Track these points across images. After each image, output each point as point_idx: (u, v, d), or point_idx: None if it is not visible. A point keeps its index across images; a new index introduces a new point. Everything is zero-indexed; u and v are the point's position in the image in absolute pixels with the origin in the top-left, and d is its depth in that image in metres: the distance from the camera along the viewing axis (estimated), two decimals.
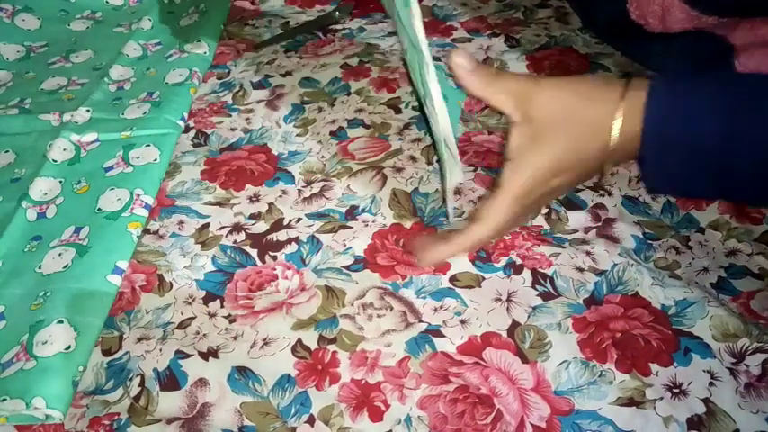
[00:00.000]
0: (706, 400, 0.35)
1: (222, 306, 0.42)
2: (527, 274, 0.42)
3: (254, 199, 0.49)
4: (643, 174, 0.36)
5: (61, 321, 0.39)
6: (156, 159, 0.51)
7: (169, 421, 0.36)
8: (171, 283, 0.44)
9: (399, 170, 0.50)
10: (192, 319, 0.41)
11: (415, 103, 0.56)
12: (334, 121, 0.55)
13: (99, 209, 0.47)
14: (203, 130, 0.56)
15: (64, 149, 0.53)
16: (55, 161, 0.52)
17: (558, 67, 0.59)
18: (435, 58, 0.51)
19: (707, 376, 0.36)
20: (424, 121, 0.52)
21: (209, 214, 0.48)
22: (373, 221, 0.47)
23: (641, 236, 0.44)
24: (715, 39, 0.40)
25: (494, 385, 0.37)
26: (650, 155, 0.34)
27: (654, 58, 0.51)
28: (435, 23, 0.67)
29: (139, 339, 0.40)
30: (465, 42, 0.63)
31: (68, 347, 0.38)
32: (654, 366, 0.37)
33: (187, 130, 0.56)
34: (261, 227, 0.47)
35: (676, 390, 0.36)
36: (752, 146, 0.31)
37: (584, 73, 0.58)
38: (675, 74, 0.35)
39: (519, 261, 0.43)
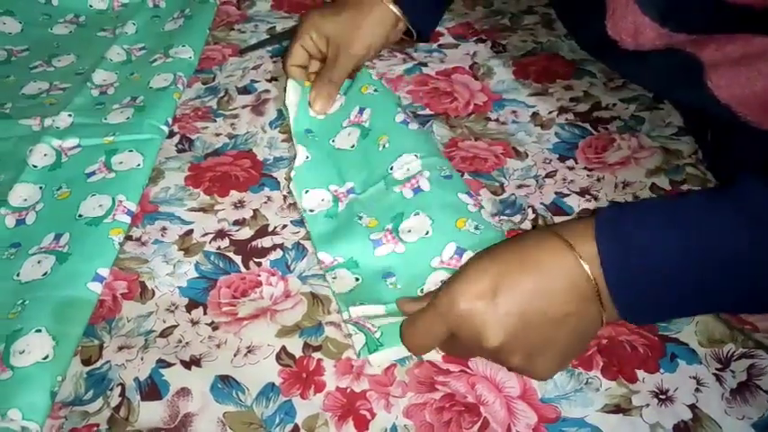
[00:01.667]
0: (692, 407, 0.35)
1: (205, 313, 0.41)
2: None
3: (239, 205, 0.49)
4: (624, 314, 0.35)
5: (39, 330, 0.38)
6: (139, 165, 0.50)
7: None
8: (153, 290, 0.43)
9: None
10: (174, 327, 0.41)
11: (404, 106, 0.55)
12: None
13: (80, 215, 0.46)
14: (188, 135, 0.56)
15: (45, 155, 0.52)
16: (35, 166, 0.51)
17: (544, 72, 0.59)
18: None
19: (693, 382, 0.36)
20: None
21: (193, 220, 0.48)
22: None
23: None
24: (687, 57, 0.41)
25: (480, 393, 0.36)
26: (621, 294, 0.33)
27: (631, 74, 0.51)
28: None
29: (120, 348, 0.40)
30: (451, 48, 0.63)
31: (46, 357, 0.37)
32: (640, 373, 0.37)
33: (171, 135, 0.55)
34: (245, 233, 0.46)
35: (663, 396, 0.36)
36: (708, 259, 0.32)
37: (569, 78, 0.58)
38: (613, 212, 0.35)
39: None
